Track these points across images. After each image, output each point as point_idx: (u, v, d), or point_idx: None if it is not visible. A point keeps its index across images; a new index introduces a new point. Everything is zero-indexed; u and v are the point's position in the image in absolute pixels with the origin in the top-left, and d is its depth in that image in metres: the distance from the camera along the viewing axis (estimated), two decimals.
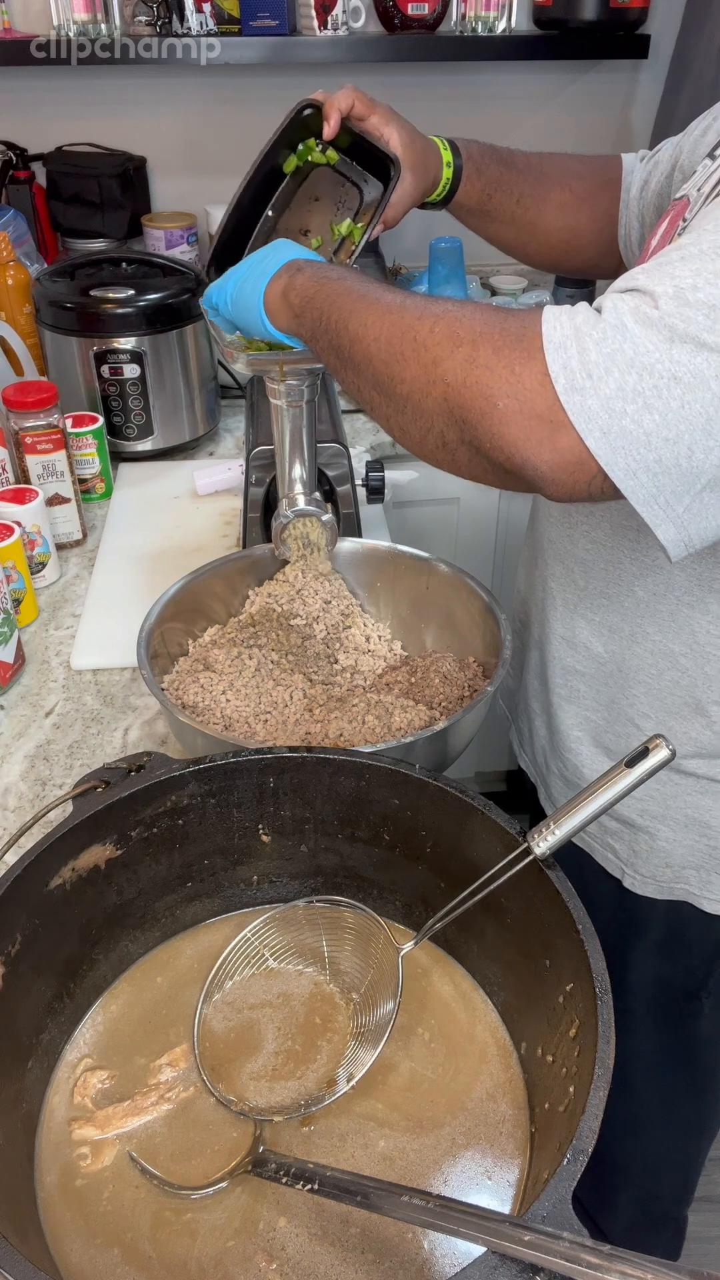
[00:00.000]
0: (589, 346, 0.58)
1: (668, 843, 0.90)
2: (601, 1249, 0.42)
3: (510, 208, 1.00)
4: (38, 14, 1.78)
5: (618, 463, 0.58)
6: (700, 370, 0.56)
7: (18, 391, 1.25)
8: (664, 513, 0.60)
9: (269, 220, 0.94)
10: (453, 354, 0.63)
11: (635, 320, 0.57)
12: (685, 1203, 1.26)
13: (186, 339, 1.47)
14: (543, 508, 0.94)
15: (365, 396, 0.71)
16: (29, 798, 0.92)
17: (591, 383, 0.57)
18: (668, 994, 1.02)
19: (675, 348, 0.56)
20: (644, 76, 1.99)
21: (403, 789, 0.69)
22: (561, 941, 0.59)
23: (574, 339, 0.58)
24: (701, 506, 0.60)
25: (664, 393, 0.56)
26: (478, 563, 1.81)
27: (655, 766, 0.60)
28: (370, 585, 1.02)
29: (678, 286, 0.57)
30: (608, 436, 0.58)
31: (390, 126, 0.90)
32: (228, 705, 0.86)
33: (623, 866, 0.94)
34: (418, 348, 0.65)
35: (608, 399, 0.57)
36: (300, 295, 0.75)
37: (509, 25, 1.80)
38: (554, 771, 1.00)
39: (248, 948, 0.72)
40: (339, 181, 0.93)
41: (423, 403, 0.65)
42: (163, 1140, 0.62)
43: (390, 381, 0.67)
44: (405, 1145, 0.61)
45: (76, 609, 1.20)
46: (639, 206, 0.98)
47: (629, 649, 0.85)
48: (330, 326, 0.72)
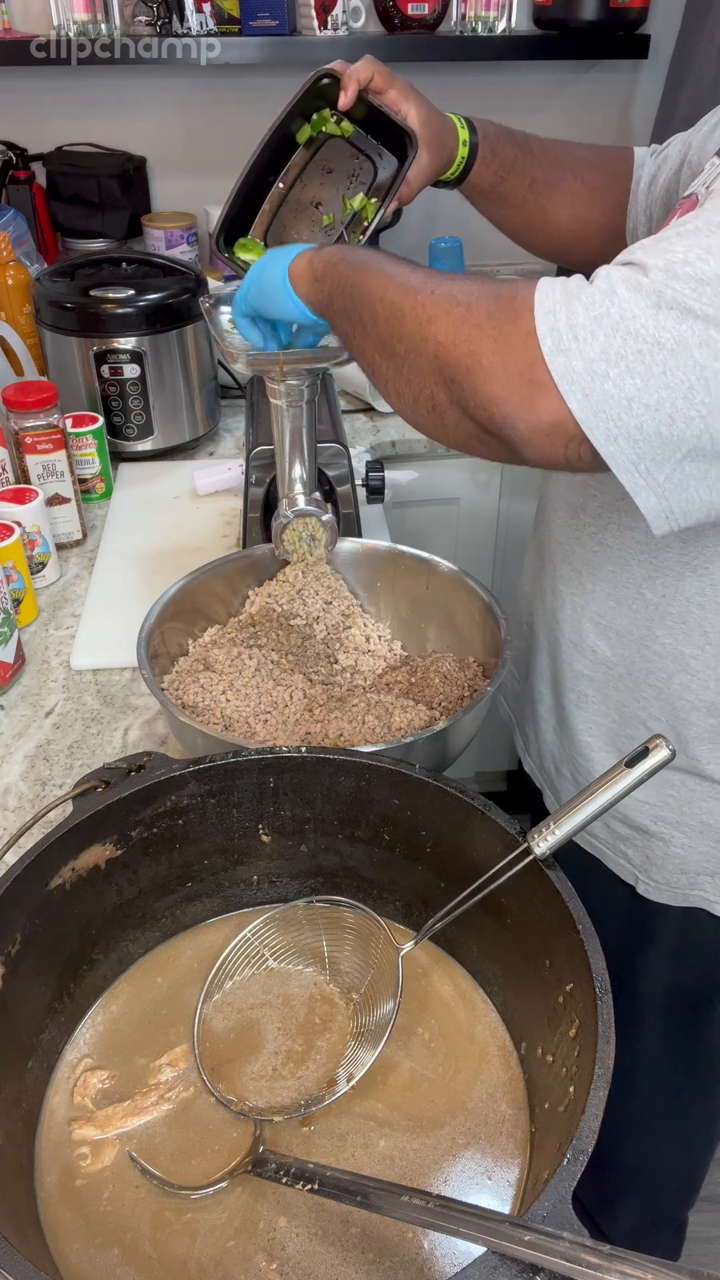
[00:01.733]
0: (577, 309, 0.59)
1: (683, 849, 0.90)
2: (601, 1249, 0.42)
3: (522, 192, 1.00)
4: (38, 14, 1.78)
5: (598, 426, 0.58)
6: (684, 337, 0.56)
7: (18, 391, 1.25)
8: (644, 481, 0.60)
9: (279, 191, 0.93)
10: (448, 313, 0.64)
11: (625, 286, 0.58)
12: (688, 1203, 1.26)
13: (186, 339, 1.47)
14: (549, 510, 0.94)
15: (369, 359, 0.72)
16: (29, 798, 0.92)
17: (577, 344, 0.58)
18: (680, 999, 1.01)
19: (661, 314, 0.56)
20: (644, 76, 1.99)
21: (403, 789, 0.69)
22: (561, 941, 0.59)
23: (563, 302, 0.59)
24: (682, 476, 0.60)
25: (647, 357, 0.57)
26: (478, 563, 1.81)
27: (655, 766, 0.59)
28: (370, 585, 1.02)
29: (669, 260, 0.58)
30: (589, 399, 0.58)
31: (409, 102, 0.90)
32: (228, 705, 0.86)
33: (636, 873, 0.94)
34: (416, 306, 0.66)
35: (591, 361, 0.58)
36: (324, 261, 0.77)
37: (509, 25, 1.80)
38: (565, 775, 0.99)
39: (248, 948, 0.72)
40: (353, 154, 0.92)
41: (417, 361, 0.66)
42: (163, 1140, 0.62)
43: (391, 340, 0.68)
44: (405, 1145, 0.61)
45: (76, 609, 1.20)
46: (646, 201, 0.98)
47: (638, 652, 0.85)
48: (346, 288, 0.73)
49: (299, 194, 0.94)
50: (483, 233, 1.08)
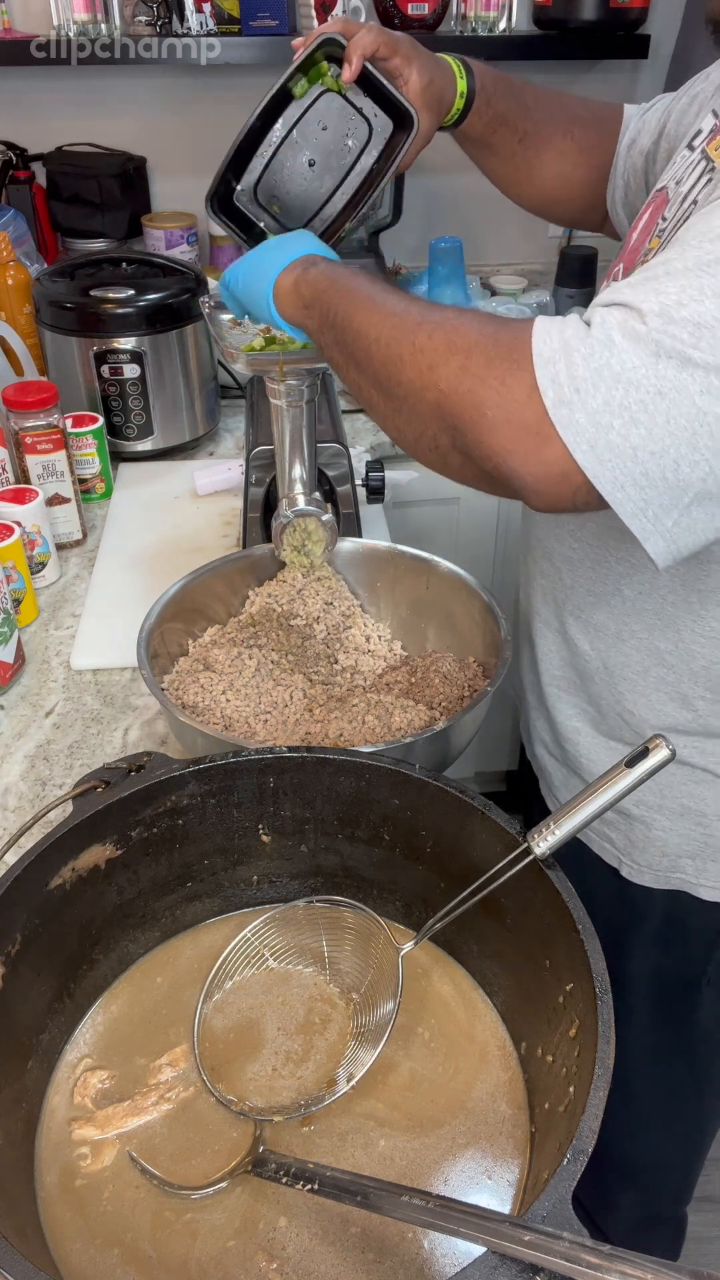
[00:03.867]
0: (577, 361, 0.59)
1: (664, 832, 0.91)
2: (601, 1249, 0.42)
3: (512, 145, 1.00)
4: (38, 14, 1.78)
5: (605, 475, 0.59)
6: (685, 385, 0.57)
7: (18, 391, 1.25)
8: (652, 526, 0.60)
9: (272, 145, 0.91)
10: (447, 361, 0.64)
11: (623, 335, 0.58)
12: (685, 1200, 1.26)
13: (186, 339, 1.47)
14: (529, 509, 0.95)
15: (365, 394, 0.73)
16: (29, 798, 0.92)
17: (579, 397, 0.58)
18: (667, 984, 1.02)
19: (661, 363, 0.57)
20: (644, 76, 1.99)
21: (403, 789, 0.69)
22: (561, 941, 0.59)
23: (562, 353, 0.59)
24: (690, 521, 0.60)
25: (650, 407, 0.57)
26: (478, 563, 1.81)
27: (655, 766, 0.60)
28: (370, 585, 1.02)
29: (663, 303, 0.58)
30: (595, 449, 0.58)
31: (411, 66, 0.89)
32: (228, 705, 0.86)
33: (619, 856, 0.95)
34: (415, 352, 0.66)
35: (595, 413, 0.58)
36: (312, 288, 0.76)
37: (509, 25, 1.80)
38: (556, 759, 1.01)
39: (248, 948, 0.72)
40: (349, 113, 0.91)
41: (418, 406, 0.66)
42: (163, 1140, 0.62)
43: (388, 382, 0.68)
44: (405, 1145, 0.61)
45: (76, 609, 1.20)
46: (625, 165, 0.99)
47: (615, 647, 0.86)
48: (336, 322, 0.73)
49: (290, 149, 0.92)
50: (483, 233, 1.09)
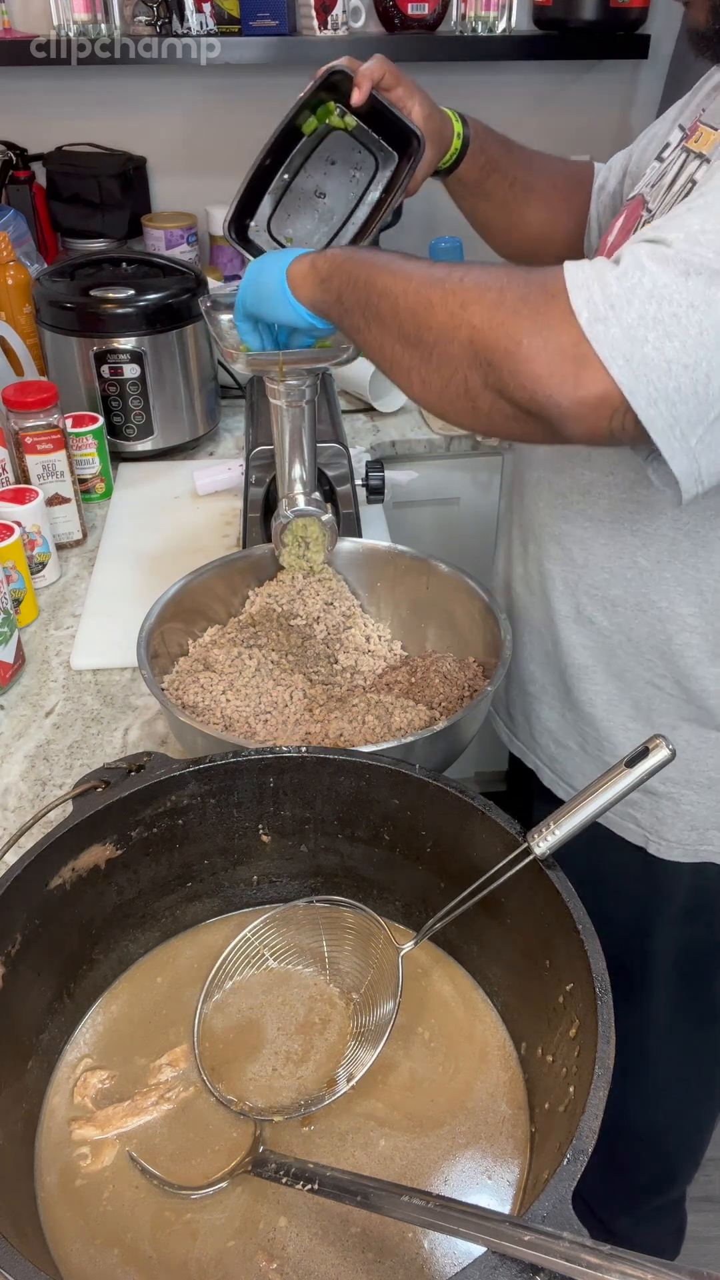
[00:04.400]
0: (610, 281, 0.61)
1: (692, 805, 0.92)
2: (601, 1249, 0.42)
3: (504, 190, 1.05)
4: (38, 14, 1.78)
5: (640, 391, 0.60)
6: (715, 298, 0.59)
7: (18, 391, 1.25)
8: (679, 444, 0.62)
9: (283, 181, 0.95)
10: (481, 298, 0.65)
11: (651, 259, 0.61)
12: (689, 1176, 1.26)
13: (186, 339, 1.47)
14: (529, 496, 0.96)
15: (389, 352, 0.73)
16: (29, 798, 0.92)
17: (614, 313, 0.60)
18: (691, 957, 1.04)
19: (691, 279, 0.59)
20: (644, 76, 1.99)
21: (403, 789, 0.69)
22: (561, 941, 0.59)
23: (595, 278, 0.61)
24: (713, 438, 0.62)
25: (683, 320, 0.59)
26: (478, 563, 1.80)
27: (655, 766, 0.60)
28: (370, 585, 1.02)
29: (689, 232, 0.61)
30: (630, 364, 0.60)
31: (413, 99, 0.94)
32: (228, 705, 0.86)
33: (646, 835, 0.95)
34: (446, 294, 0.67)
35: (629, 327, 0.60)
36: (329, 262, 0.78)
37: (509, 25, 1.80)
38: (570, 748, 1.01)
39: (248, 948, 0.72)
40: (355, 148, 0.95)
41: (448, 348, 0.67)
42: (163, 1140, 0.62)
43: (417, 330, 0.69)
44: (405, 1145, 0.61)
45: (76, 609, 1.20)
46: (597, 209, 1.06)
47: (636, 619, 0.87)
48: (359, 284, 0.74)
49: (302, 183, 0.96)
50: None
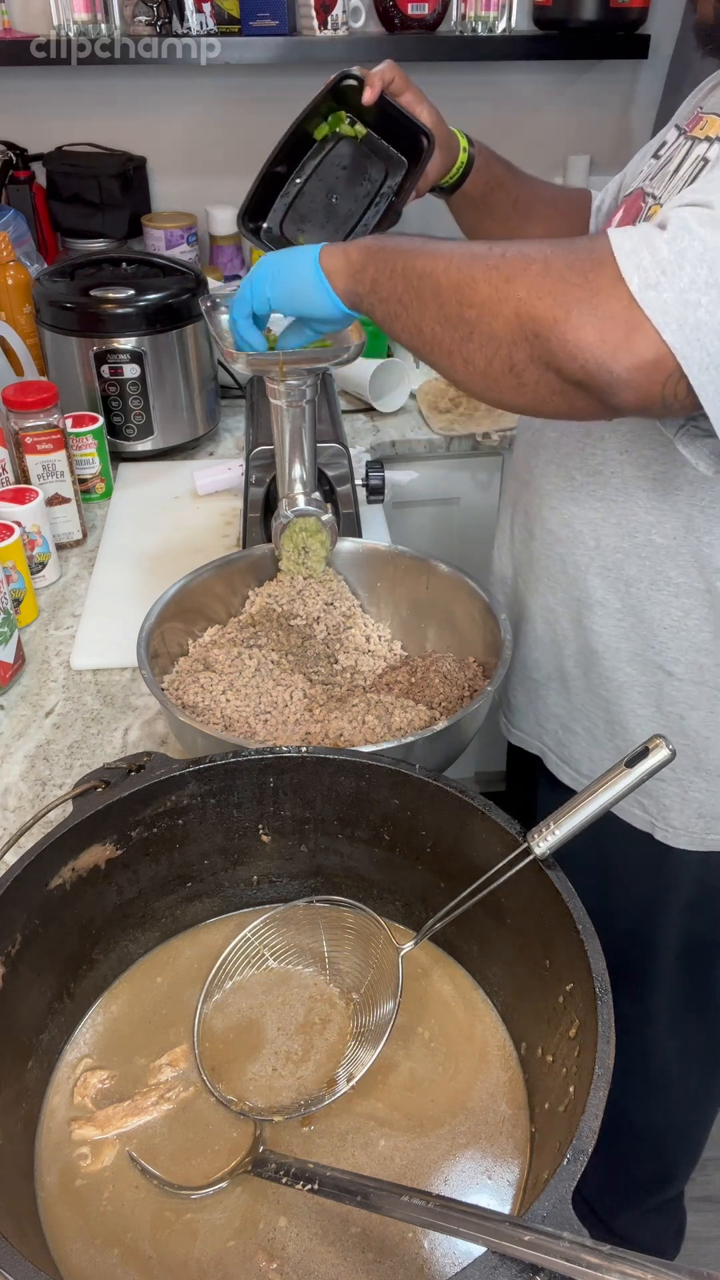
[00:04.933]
0: (659, 245, 0.60)
1: (701, 794, 0.91)
2: (601, 1249, 0.42)
3: (507, 207, 1.07)
4: (38, 14, 1.78)
5: (693, 356, 0.60)
6: None
7: (18, 391, 1.25)
8: None
9: (296, 186, 0.97)
10: (526, 269, 0.65)
11: (698, 223, 0.60)
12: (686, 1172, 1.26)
13: (186, 339, 1.47)
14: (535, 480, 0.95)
15: (428, 334, 0.72)
16: (29, 798, 0.92)
17: (666, 278, 0.60)
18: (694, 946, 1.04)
19: None
20: (644, 76, 1.99)
21: (403, 789, 0.69)
22: (561, 941, 0.59)
23: (644, 243, 0.61)
24: None
25: None
26: (478, 563, 1.81)
27: (655, 766, 0.60)
28: (370, 585, 1.02)
29: None
30: (684, 328, 0.60)
31: (422, 106, 0.96)
32: (228, 705, 0.86)
33: (652, 821, 0.95)
34: (489, 269, 0.66)
35: (682, 291, 0.59)
36: (362, 251, 0.77)
37: (509, 25, 1.80)
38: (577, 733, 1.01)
39: (248, 948, 0.72)
40: (366, 155, 0.97)
41: (493, 324, 0.66)
42: (163, 1140, 0.62)
43: (460, 307, 0.68)
44: (405, 1145, 0.61)
45: (76, 609, 1.20)
46: (595, 227, 1.07)
47: (650, 596, 0.87)
48: (395, 271, 0.74)
49: (314, 187, 0.98)
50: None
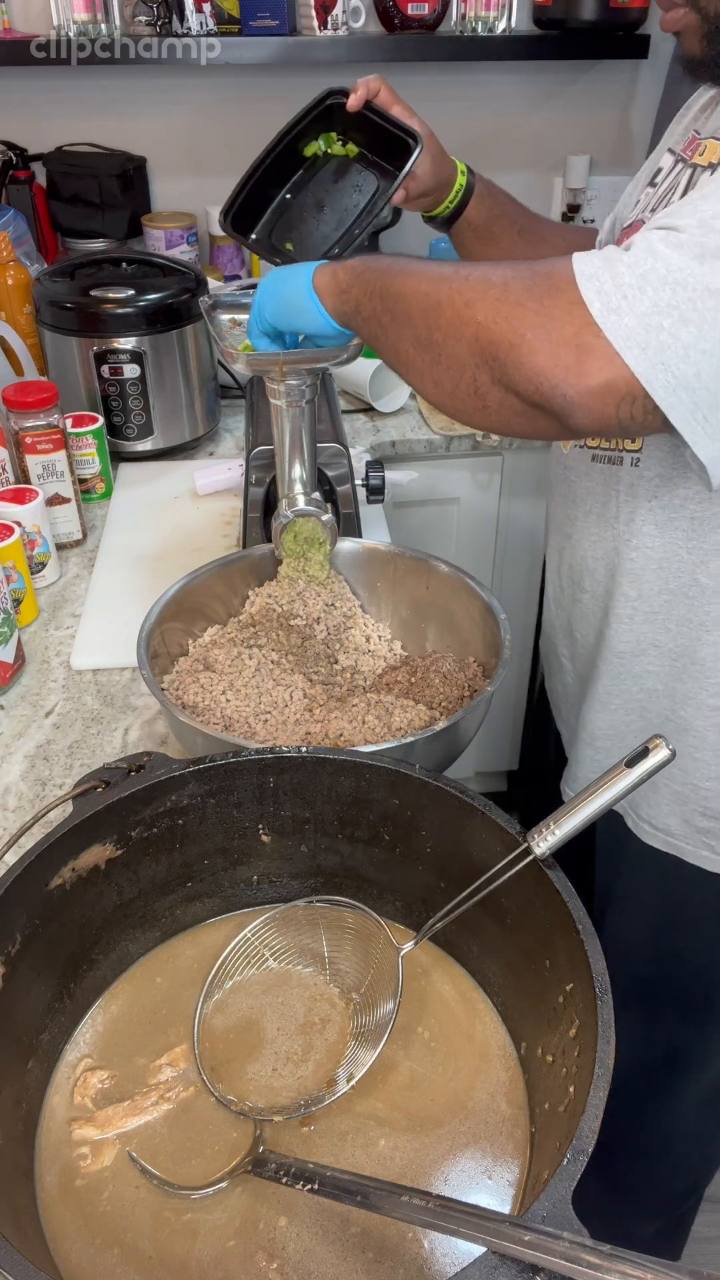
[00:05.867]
0: (621, 270, 0.60)
1: None
2: (601, 1249, 0.42)
3: (512, 235, 1.07)
4: (38, 14, 1.78)
5: (658, 379, 0.60)
6: None
7: (18, 391, 1.25)
8: (702, 429, 0.62)
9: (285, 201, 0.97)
10: (484, 295, 0.66)
11: (664, 245, 0.60)
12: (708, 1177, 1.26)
13: (186, 339, 1.47)
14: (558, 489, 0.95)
15: (404, 356, 0.74)
16: (29, 798, 0.92)
17: (627, 302, 0.60)
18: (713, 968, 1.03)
19: (706, 263, 0.58)
20: (644, 76, 1.99)
21: (403, 789, 0.69)
22: (561, 941, 0.59)
23: (605, 266, 0.61)
24: None
25: (699, 304, 0.59)
26: (478, 563, 1.81)
27: (655, 766, 0.59)
28: (370, 586, 1.02)
29: (700, 217, 0.60)
30: (646, 352, 0.59)
31: (413, 120, 0.95)
32: (228, 705, 0.86)
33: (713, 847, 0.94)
34: (452, 293, 0.67)
35: (644, 315, 0.59)
36: (348, 272, 0.79)
37: (509, 25, 1.80)
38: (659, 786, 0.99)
39: (248, 948, 0.72)
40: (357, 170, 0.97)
41: (455, 347, 0.67)
42: (163, 1140, 0.62)
43: (428, 331, 0.69)
44: (405, 1145, 0.61)
45: (76, 609, 1.20)
46: None
47: (700, 638, 0.86)
48: (376, 292, 0.75)
49: (303, 198, 0.97)
50: None
